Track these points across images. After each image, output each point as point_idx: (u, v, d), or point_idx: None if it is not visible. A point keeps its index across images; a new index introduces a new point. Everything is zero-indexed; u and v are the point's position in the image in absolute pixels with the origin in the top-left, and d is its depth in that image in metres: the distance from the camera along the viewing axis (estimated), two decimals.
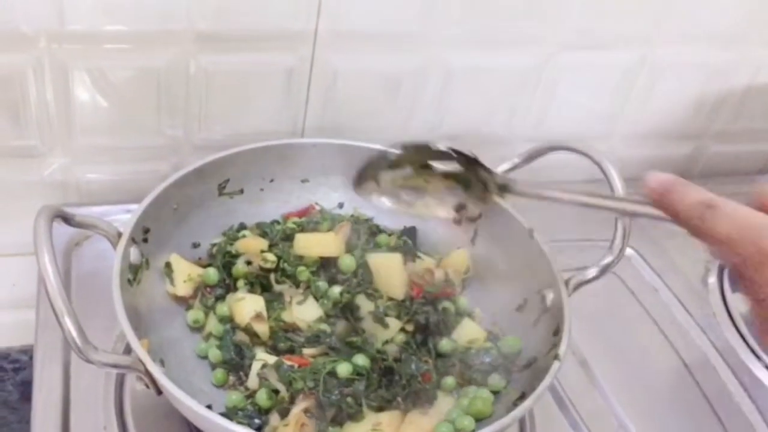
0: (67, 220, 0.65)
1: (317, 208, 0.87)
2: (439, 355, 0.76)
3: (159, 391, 0.62)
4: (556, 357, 0.67)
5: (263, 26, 0.86)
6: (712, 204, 0.51)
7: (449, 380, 0.74)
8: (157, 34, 0.83)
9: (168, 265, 0.77)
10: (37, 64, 0.82)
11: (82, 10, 0.79)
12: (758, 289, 0.48)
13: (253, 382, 0.71)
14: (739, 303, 0.95)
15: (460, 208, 0.81)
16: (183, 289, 0.77)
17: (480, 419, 0.71)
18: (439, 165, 0.71)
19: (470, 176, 0.71)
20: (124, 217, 0.73)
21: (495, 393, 0.74)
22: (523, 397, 0.68)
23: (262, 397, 0.69)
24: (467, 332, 0.78)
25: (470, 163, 0.70)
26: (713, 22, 1.00)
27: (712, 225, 0.50)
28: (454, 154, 0.70)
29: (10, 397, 1.00)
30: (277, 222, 0.85)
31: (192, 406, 0.58)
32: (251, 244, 0.80)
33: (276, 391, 0.70)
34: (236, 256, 0.80)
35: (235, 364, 0.74)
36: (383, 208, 0.75)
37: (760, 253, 0.48)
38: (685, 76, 1.06)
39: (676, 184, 0.53)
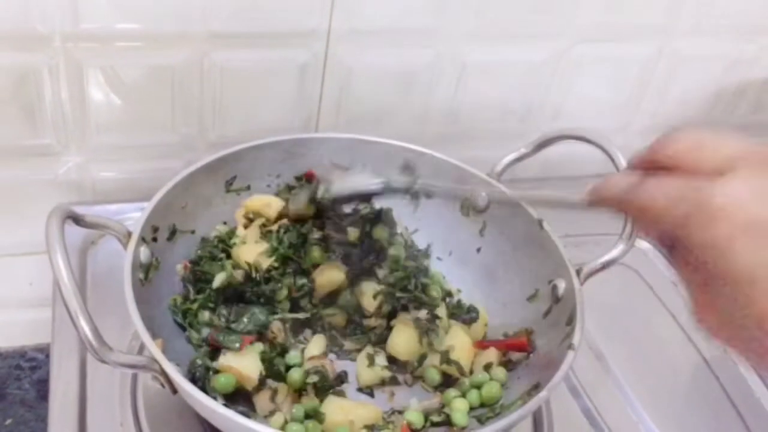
0: (77, 220, 0.65)
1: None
2: None
3: (174, 390, 0.61)
4: (570, 347, 0.67)
5: (277, 23, 0.85)
6: (639, 179, 0.49)
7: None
8: (172, 32, 0.83)
9: None
10: (52, 63, 0.82)
11: (96, 9, 0.79)
12: (702, 252, 0.45)
13: None
14: None
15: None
16: None
17: (490, 404, 0.72)
18: None
19: None
20: (138, 215, 0.72)
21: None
22: (537, 387, 0.68)
23: None
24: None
25: None
26: (731, 13, 0.99)
27: (644, 194, 0.48)
28: None
29: (27, 395, 1.00)
30: None
31: (210, 405, 0.58)
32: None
33: None
34: None
35: None
36: None
37: (701, 211, 0.44)
38: (703, 67, 1.05)
39: (603, 179, 0.53)
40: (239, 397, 0.70)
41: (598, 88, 1.03)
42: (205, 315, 0.74)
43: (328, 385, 0.73)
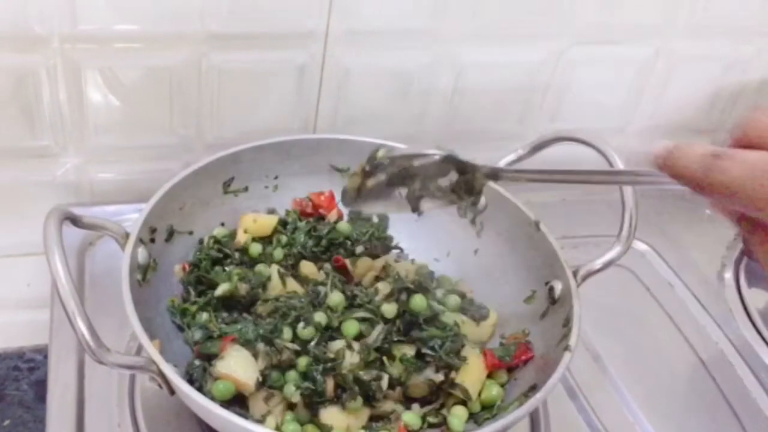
0: (75, 221, 0.65)
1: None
2: None
3: (172, 391, 0.62)
4: (566, 348, 0.67)
5: (275, 24, 0.85)
6: (717, 153, 0.46)
7: None
8: (170, 34, 0.83)
9: None
10: (50, 64, 0.82)
11: (94, 10, 0.80)
12: None
13: None
14: (756, 298, 0.94)
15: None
16: None
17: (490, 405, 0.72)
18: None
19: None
20: (136, 216, 0.73)
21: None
22: (534, 388, 0.68)
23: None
24: None
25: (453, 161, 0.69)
26: (728, 15, 0.99)
27: (720, 173, 0.45)
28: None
29: (26, 396, 1.00)
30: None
31: (208, 407, 0.58)
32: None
33: None
34: None
35: None
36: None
37: None
38: (700, 69, 1.05)
39: (678, 145, 0.48)
40: (234, 397, 0.70)
41: (595, 90, 1.03)
42: (203, 316, 0.74)
43: (325, 400, 0.70)
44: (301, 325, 0.73)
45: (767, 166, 0.44)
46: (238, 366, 0.69)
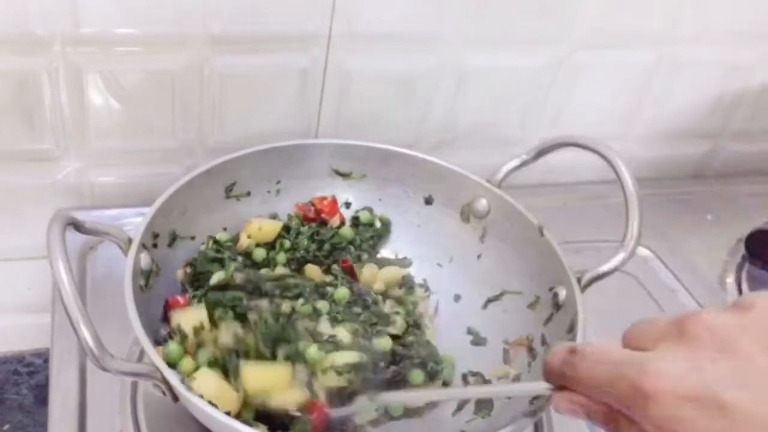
0: (78, 227, 0.64)
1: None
2: None
3: (176, 398, 0.61)
4: None
5: (277, 28, 0.85)
6: (574, 348, 0.49)
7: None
8: (171, 37, 0.83)
9: None
10: (52, 67, 0.82)
11: (96, 13, 0.79)
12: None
13: None
14: None
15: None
16: None
17: None
18: None
19: None
20: (137, 220, 0.72)
21: None
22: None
23: None
24: None
25: None
26: (730, 20, 0.99)
27: (578, 370, 0.48)
28: None
29: (25, 400, 1.00)
30: None
31: (212, 413, 0.58)
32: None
33: None
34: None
35: None
36: None
37: (636, 391, 0.43)
38: (702, 74, 1.05)
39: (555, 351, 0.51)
40: None
41: (596, 95, 1.03)
42: None
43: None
44: (300, 301, 0.73)
45: (619, 359, 0.46)
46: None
